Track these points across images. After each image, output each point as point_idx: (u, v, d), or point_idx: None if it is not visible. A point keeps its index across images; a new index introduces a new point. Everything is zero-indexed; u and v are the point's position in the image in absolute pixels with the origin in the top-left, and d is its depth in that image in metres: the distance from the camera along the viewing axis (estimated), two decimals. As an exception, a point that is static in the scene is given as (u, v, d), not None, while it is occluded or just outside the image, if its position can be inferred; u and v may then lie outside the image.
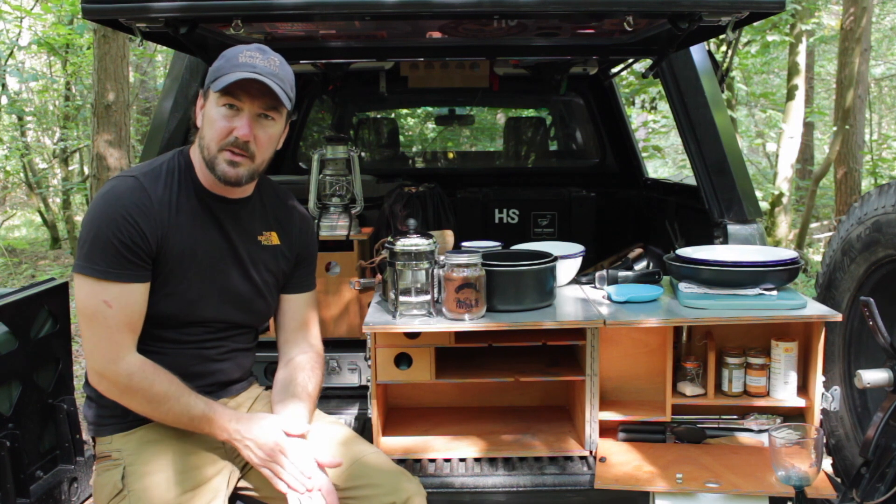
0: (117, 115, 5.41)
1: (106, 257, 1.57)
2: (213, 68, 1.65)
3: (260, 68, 1.60)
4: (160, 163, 1.71)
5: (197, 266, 1.68)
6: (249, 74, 1.58)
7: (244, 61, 1.61)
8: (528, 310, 1.95)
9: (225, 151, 1.63)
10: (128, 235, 1.58)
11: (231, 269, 1.74)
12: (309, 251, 1.91)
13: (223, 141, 1.63)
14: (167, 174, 1.69)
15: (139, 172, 1.67)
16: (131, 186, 1.63)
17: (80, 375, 1.78)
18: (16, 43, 8.79)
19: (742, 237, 2.47)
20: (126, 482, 1.63)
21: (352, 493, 1.64)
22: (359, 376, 2.54)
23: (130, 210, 1.59)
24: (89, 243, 1.59)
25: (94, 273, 1.57)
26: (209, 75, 1.66)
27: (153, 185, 1.65)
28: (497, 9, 1.92)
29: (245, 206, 1.77)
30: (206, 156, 1.65)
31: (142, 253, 1.60)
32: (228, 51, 1.66)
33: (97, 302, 1.58)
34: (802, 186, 9.13)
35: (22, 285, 2.12)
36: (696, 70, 2.67)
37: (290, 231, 1.86)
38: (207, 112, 1.66)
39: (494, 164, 4.94)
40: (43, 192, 9.92)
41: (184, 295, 1.67)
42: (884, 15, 12.91)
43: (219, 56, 1.67)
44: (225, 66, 1.62)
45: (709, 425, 2.08)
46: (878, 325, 1.79)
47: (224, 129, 1.63)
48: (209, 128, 1.65)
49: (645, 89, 7.06)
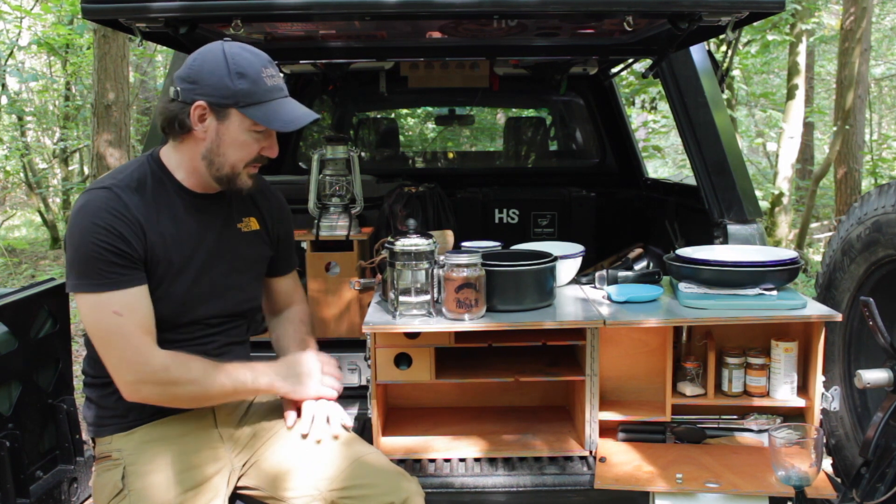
0: (117, 115, 5.42)
1: (99, 270, 1.56)
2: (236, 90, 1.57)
3: (285, 89, 1.66)
4: (130, 170, 1.68)
5: (185, 267, 1.68)
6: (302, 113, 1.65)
7: (273, 84, 1.62)
8: (528, 310, 1.95)
9: (249, 167, 1.68)
10: (112, 244, 1.56)
11: (218, 264, 1.75)
12: (287, 231, 1.96)
13: (250, 160, 1.67)
14: (139, 180, 1.66)
15: (110, 182, 1.64)
16: (105, 197, 1.60)
17: (80, 375, 1.78)
18: (16, 43, 8.79)
19: (742, 237, 2.47)
20: (126, 482, 1.63)
21: (351, 492, 1.64)
22: (359, 376, 2.54)
23: (109, 220, 1.57)
24: (78, 261, 1.57)
25: (93, 288, 1.56)
26: (230, 94, 1.58)
27: (127, 193, 1.62)
28: (497, 9, 1.92)
29: (223, 197, 1.77)
30: (228, 172, 1.66)
31: (131, 258, 1.59)
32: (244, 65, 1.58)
33: (107, 315, 1.56)
34: (802, 186, 9.14)
35: (22, 285, 2.12)
36: (696, 70, 2.67)
37: (268, 214, 1.89)
38: (230, 133, 1.62)
39: (494, 164, 4.94)
40: (43, 192, 9.92)
41: (175, 297, 1.67)
42: (884, 15, 12.92)
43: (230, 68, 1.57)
44: (255, 91, 1.59)
45: (709, 425, 2.07)
46: (878, 325, 1.79)
47: (255, 151, 1.66)
48: (235, 150, 1.64)
49: (645, 89, 7.06)
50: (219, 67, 1.58)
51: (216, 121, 1.61)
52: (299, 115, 1.65)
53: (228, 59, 1.58)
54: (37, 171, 10.31)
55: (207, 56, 1.60)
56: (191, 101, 1.59)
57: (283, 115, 1.62)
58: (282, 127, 1.63)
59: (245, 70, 1.59)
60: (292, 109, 1.65)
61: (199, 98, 1.59)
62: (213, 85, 1.58)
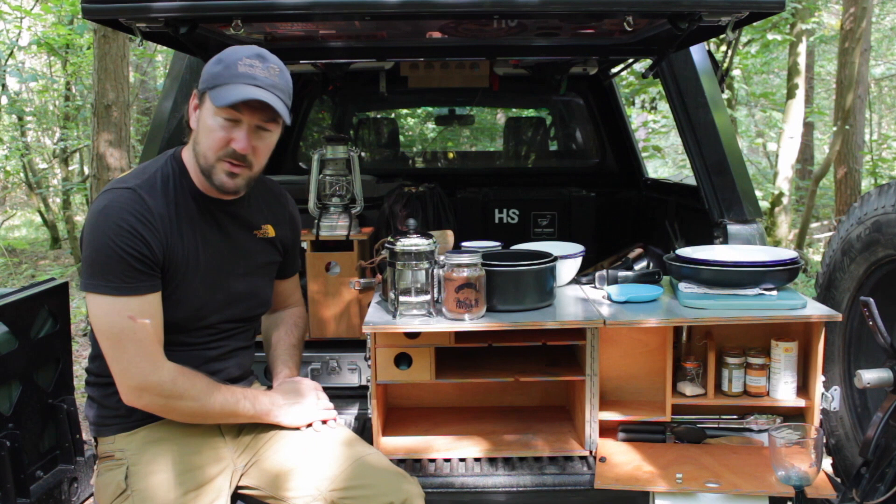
0: (117, 115, 5.41)
1: (119, 272, 1.54)
2: (211, 73, 1.60)
3: (260, 80, 1.57)
4: (153, 170, 1.67)
5: (202, 272, 1.68)
6: (251, 93, 1.55)
7: (244, 71, 1.57)
8: (528, 310, 1.95)
9: (223, 162, 1.62)
10: (135, 248, 1.55)
11: (233, 270, 1.75)
12: (296, 240, 1.98)
13: (220, 151, 1.61)
14: (162, 182, 1.65)
15: (134, 183, 1.62)
16: (129, 198, 1.59)
17: (81, 375, 1.78)
18: (16, 43, 8.78)
19: (742, 237, 2.47)
20: (129, 482, 1.63)
21: (350, 493, 1.64)
22: (359, 376, 2.54)
23: (132, 223, 1.56)
24: (98, 262, 1.55)
25: (111, 290, 1.55)
26: (206, 78, 1.61)
27: (150, 195, 1.61)
28: (497, 9, 1.92)
29: (241, 203, 1.77)
30: (203, 163, 1.63)
31: (151, 263, 1.58)
32: (226, 53, 1.61)
33: (121, 319, 1.56)
34: (802, 186, 9.14)
35: (22, 285, 2.12)
36: (695, 70, 2.67)
37: (283, 223, 1.89)
38: (203, 119, 1.61)
39: (494, 164, 4.94)
40: (43, 192, 9.92)
41: (191, 301, 1.67)
42: (884, 15, 12.91)
43: (215, 56, 1.62)
44: (223, 74, 1.57)
45: (709, 425, 2.08)
46: (878, 325, 1.79)
47: (222, 139, 1.61)
48: (206, 136, 1.61)
49: (645, 89, 7.05)
50: (213, 59, 1.62)
51: (200, 109, 1.63)
52: (243, 93, 1.55)
53: (223, 51, 1.62)
54: (37, 171, 10.31)
55: None
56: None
57: (228, 92, 1.56)
58: (218, 101, 1.55)
59: (224, 56, 1.60)
60: (243, 91, 1.55)
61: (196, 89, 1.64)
62: (202, 74, 1.62)
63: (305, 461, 1.71)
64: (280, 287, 1.99)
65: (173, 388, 1.60)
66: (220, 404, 1.66)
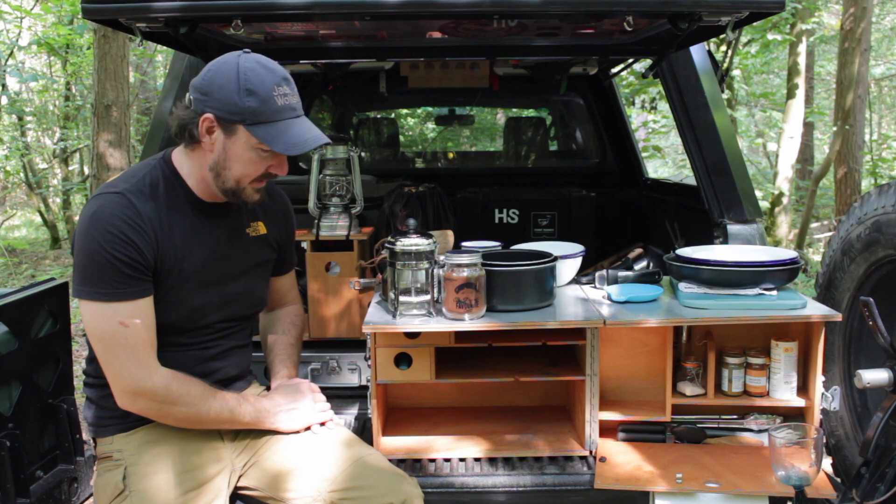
0: (117, 115, 5.41)
1: (110, 278, 1.54)
2: (246, 107, 1.54)
3: (297, 108, 1.62)
4: (142, 174, 1.65)
5: (196, 274, 1.68)
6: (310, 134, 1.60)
7: (284, 104, 1.57)
8: (528, 310, 1.95)
9: (255, 182, 1.66)
10: (125, 253, 1.55)
11: (228, 270, 1.75)
12: (290, 233, 1.97)
13: (256, 177, 1.64)
14: (151, 186, 1.64)
15: (123, 188, 1.61)
16: (119, 203, 1.57)
17: (81, 375, 1.78)
18: (16, 43, 8.79)
19: (742, 237, 2.47)
20: (128, 483, 1.63)
21: (350, 493, 1.64)
22: (359, 376, 2.54)
23: (122, 228, 1.55)
24: (88, 268, 1.55)
25: (102, 296, 1.55)
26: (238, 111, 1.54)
27: (140, 199, 1.60)
28: (497, 9, 1.92)
29: (233, 203, 1.76)
30: (231, 186, 1.64)
31: (142, 268, 1.58)
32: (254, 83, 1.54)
33: (113, 325, 1.55)
34: (802, 186, 9.14)
35: (22, 285, 2.12)
36: (695, 70, 2.67)
37: (275, 219, 1.89)
38: (235, 149, 1.59)
39: (494, 164, 4.94)
40: (43, 192, 9.93)
41: (186, 303, 1.67)
42: (884, 15, 12.92)
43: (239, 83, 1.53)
44: (264, 110, 1.54)
45: (709, 425, 2.07)
46: (878, 325, 1.79)
47: (260, 168, 1.63)
48: (240, 165, 1.61)
49: (645, 89, 7.05)
50: (229, 82, 1.55)
51: (224, 135, 1.59)
52: (306, 138, 1.59)
53: (240, 75, 1.54)
54: (37, 171, 10.32)
55: (221, 68, 1.57)
56: (200, 112, 1.57)
57: (289, 138, 1.57)
58: (286, 150, 1.58)
59: (255, 87, 1.54)
60: (300, 132, 1.59)
61: (208, 110, 1.57)
62: (222, 99, 1.55)
63: (305, 462, 1.71)
64: (276, 284, 1.98)
65: (167, 394, 1.60)
66: (216, 411, 1.66)
